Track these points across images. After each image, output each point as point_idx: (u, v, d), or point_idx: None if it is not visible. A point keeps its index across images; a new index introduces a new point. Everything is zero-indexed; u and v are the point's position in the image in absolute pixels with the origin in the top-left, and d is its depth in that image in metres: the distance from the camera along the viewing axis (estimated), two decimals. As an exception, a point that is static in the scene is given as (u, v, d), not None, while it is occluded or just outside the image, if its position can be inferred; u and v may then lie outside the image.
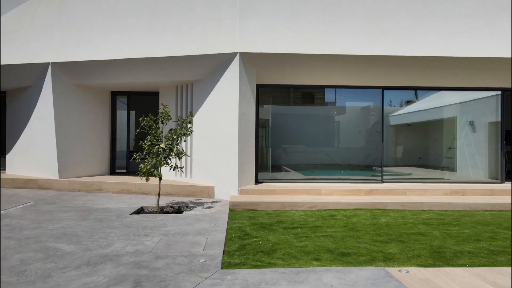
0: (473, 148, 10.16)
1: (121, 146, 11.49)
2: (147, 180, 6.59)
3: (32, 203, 7.84)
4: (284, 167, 10.13)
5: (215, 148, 8.56)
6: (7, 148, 10.83)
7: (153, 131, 6.81)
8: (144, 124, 6.87)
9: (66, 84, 9.56)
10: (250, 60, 8.24)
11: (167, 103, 9.82)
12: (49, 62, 9.19)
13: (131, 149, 11.36)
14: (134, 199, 8.40)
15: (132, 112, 11.59)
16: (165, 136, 6.84)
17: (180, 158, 7.14)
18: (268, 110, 9.96)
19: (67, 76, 9.46)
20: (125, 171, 11.23)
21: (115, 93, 11.00)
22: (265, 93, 9.76)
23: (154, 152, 6.63)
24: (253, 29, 8.32)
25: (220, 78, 8.39)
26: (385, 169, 9.71)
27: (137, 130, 7.18)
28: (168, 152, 6.77)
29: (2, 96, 10.97)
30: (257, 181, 9.10)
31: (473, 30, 8.54)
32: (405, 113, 10.80)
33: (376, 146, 9.81)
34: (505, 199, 7.90)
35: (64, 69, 9.28)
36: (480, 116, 10.10)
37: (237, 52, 8.04)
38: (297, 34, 8.28)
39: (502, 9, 8.79)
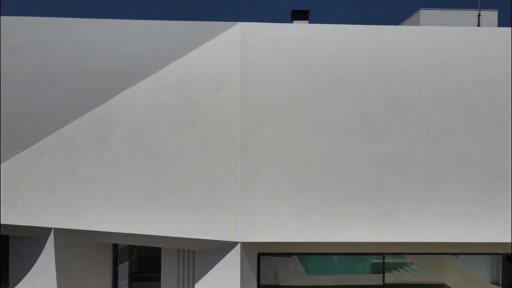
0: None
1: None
2: None
3: None
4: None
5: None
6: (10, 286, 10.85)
7: None
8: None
9: (69, 245, 9.57)
10: (251, 245, 8.26)
11: (168, 262, 9.76)
12: (51, 228, 9.25)
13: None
14: None
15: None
16: None
17: None
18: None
19: (69, 237, 9.48)
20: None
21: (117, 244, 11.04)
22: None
23: None
24: (254, 213, 8.36)
25: (221, 259, 8.40)
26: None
27: None
28: None
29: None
30: None
31: (474, 209, 8.57)
32: None
33: None
34: None
35: (66, 233, 9.32)
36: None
37: (238, 242, 8.08)
38: (299, 219, 8.33)
39: (504, 184, 8.84)
